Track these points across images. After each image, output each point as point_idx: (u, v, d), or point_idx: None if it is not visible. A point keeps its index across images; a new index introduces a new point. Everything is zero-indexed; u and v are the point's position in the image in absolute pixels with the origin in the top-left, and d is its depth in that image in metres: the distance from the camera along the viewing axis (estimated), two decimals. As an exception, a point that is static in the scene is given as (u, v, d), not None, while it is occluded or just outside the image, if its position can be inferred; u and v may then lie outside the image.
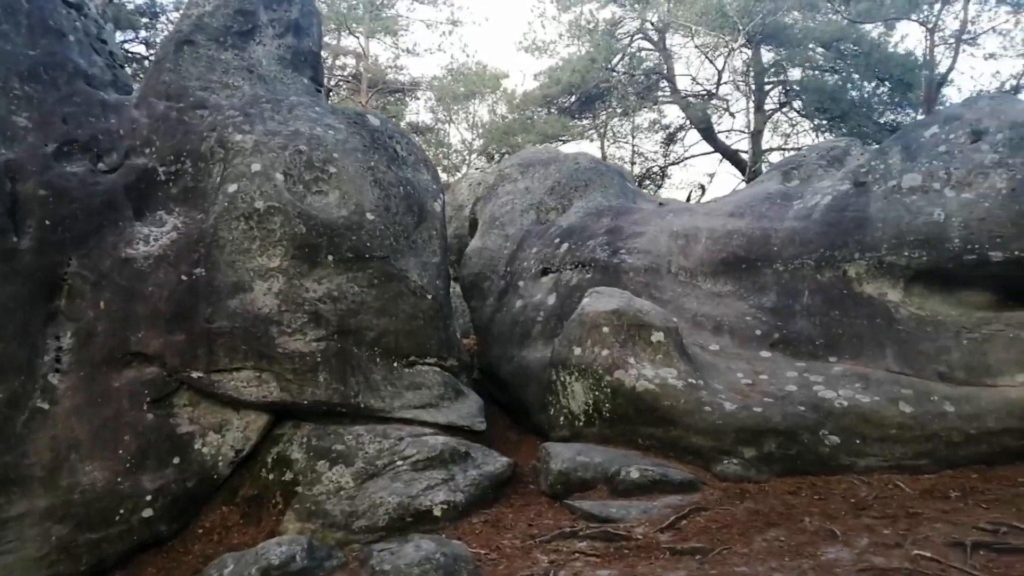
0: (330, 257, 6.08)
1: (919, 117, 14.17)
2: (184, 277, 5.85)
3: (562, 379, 6.60)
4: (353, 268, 6.15)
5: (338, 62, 23.32)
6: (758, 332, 6.94)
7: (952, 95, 14.78)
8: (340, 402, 5.91)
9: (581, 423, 6.43)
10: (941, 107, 13.62)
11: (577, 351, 6.47)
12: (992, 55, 13.77)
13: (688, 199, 16.10)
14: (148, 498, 5.39)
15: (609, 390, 6.21)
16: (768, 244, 7.43)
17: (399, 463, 5.57)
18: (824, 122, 15.09)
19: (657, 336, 6.32)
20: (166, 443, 5.60)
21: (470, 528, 5.14)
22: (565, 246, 8.39)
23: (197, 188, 6.23)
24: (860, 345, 6.55)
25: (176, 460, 5.59)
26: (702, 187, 17.32)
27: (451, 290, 11.54)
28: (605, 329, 6.41)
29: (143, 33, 19.16)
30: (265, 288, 5.89)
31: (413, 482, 5.42)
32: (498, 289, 9.19)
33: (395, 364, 6.29)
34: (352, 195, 6.26)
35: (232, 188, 6.03)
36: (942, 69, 13.81)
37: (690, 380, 6.10)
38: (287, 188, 6.10)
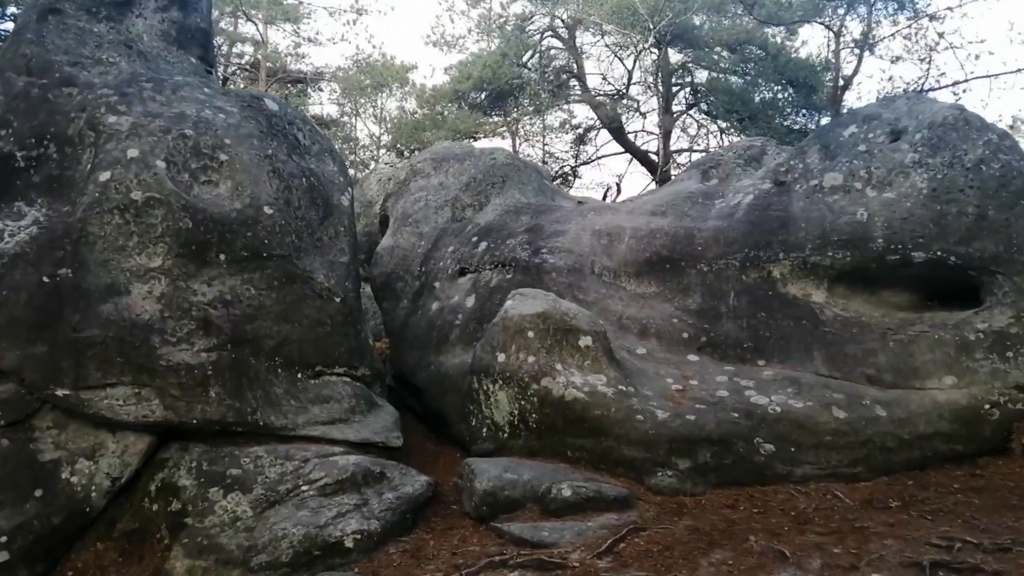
0: (222, 256, 5.38)
1: (823, 120, 14.53)
2: (46, 279, 5.03)
3: (484, 387, 6.12)
4: (249, 268, 5.47)
5: (235, 50, 22.02)
6: (685, 335, 6.68)
7: (853, 99, 15.28)
8: (235, 420, 5.22)
9: (506, 435, 5.98)
10: (845, 110, 14.00)
11: (501, 357, 6.01)
12: (899, 58, 14.28)
13: (604, 198, 15.95)
14: (4, 539, 4.63)
15: (536, 399, 5.78)
16: (692, 244, 7.21)
17: (305, 488, 4.95)
18: (733, 124, 15.26)
19: (585, 341, 5.94)
20: (25, 472, 4.83)
21: (387, 560, 4.59)
22: (483, 245, 7.92)
23: (63, 176, 5.40)
24: (787, 347, 6.39)
25: (39, 492, 4.82)
26: (618, 185, 17.21)
27: (361, 291, 10.89)
28: (530, 334, 5.97)
29: (12, 9, 17.37)
30: (145, 291, 5.14)
31: (321, 509, 4.81)
32: (412, 290, 8.62)
33: (299, 375, 5.65)
34: (247, 186, 5.57)
35: (104, 176, 5.23)
36: (846, 73, 14.27)
37: (620, 387, 5.75)
38: (170, 177, 5.35)
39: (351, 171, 19.76)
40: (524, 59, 17.39)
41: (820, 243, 6.58)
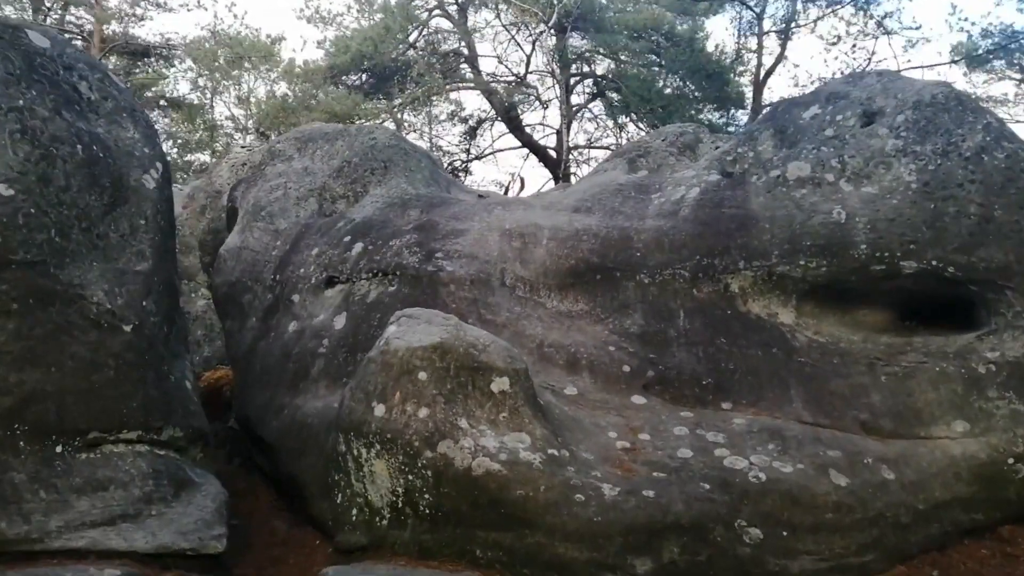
0: (-84, 263, 3.30)
1: (738, 113, 13.57)
2: None
3: (355, 452, 4.28)
4: (-34, 283, 3.40)
5: (70, 17, 18.87)
6: (626, 368, 5.10)
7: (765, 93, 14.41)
8: (-68, 535, 3.16)
9: (386, 522, 4.15)
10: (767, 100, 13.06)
11: (379, 410, 4.19)
12: (838, 38, 13.37)
13: (506, 193, 14.29)
14: None
15: (430, 473, 3.99)
16: (628, 248, 5.68)
17: (43, 654, 2.97)
18: (643, 115, 14.00)
19: (500, 384, 4.22)
20: None
21: None
22: (359, 247, 6.05)
23: None
24: (758, 384, 4.96)
25: None
26: (521, 178, 15.52)
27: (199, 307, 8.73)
28: (422, 375, 4.19)
29: None
30: None
31: None
32: (264, 305, 6.61)
33: (59, 449, 3.63)
34: (-33, 151, 3.49)
35: None
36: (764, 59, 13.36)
37: (551, 451, 4.07)
38: None
39: (202, 159, 17.20)
40: (410, 37, 15.48)
41: (789, 249, 5.24)
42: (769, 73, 13.29)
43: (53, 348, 3.60)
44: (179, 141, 19.97)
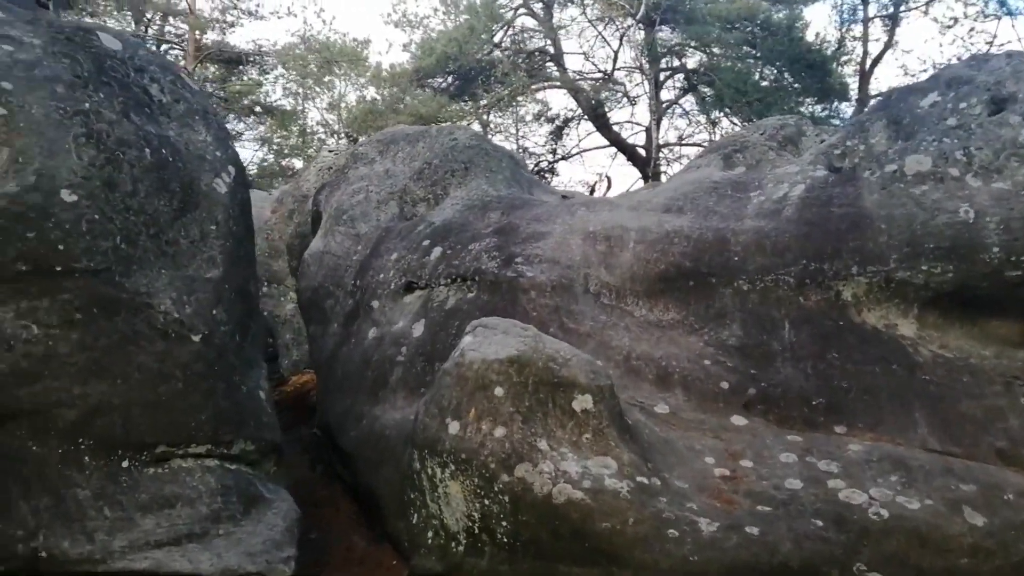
0: (-18, 272, 3.22)
1: (841, 105, 12.68)
2: None
3: (429, 471, 4.02)
4: (31, 292, 3.30)
5: (169, 28, 19.64)
6: (725, 385, 4.64)
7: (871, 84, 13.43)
8: (-5, 553, 3.08)
9: (461, 548, 3.87)
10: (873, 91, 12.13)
11: (454, 427, 3.91)
12: (954, 20, 12.27)
13: (592, 193, 13.89)
14: None
15: (507, 498, 3.68)
16: (725, 251, 5.20)
17: None
18: (740, 108, 13.29)
19: (583, 402, 3.86)
20: None
21: None
22: (438, 251, 5.82)
23: None
24: (876, 405, 4.40)
25: None
26: (608, 178, 15.02)
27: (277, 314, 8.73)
28: (498, 391, 3.88)
29: None
30: None
31: None
32: (345, 311, 6.49)
33: (125, 464, 3.50)
34: (33, 156, 3.39)
35: None
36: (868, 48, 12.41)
37: (640, 479, 3.68)
38: None
39: (297, 164, 17.51)
40: (495, 37, 15.27)
41: (909, 252, 4.66)
42: (876, 62, 12.33)
43: (119, 359, 3.49)
44: (274, 147, 20.56)
